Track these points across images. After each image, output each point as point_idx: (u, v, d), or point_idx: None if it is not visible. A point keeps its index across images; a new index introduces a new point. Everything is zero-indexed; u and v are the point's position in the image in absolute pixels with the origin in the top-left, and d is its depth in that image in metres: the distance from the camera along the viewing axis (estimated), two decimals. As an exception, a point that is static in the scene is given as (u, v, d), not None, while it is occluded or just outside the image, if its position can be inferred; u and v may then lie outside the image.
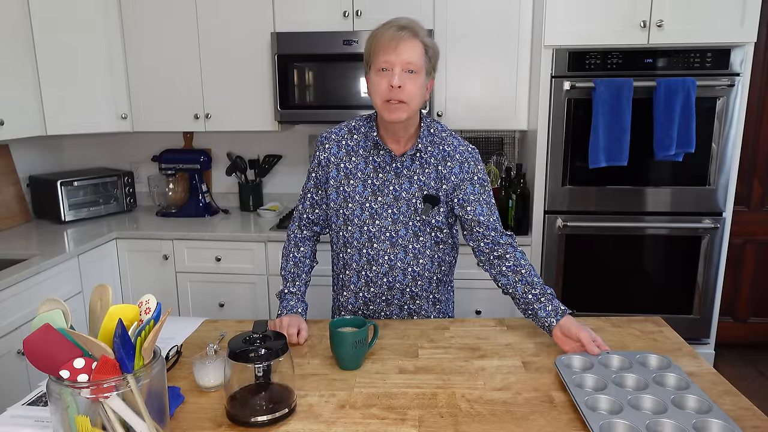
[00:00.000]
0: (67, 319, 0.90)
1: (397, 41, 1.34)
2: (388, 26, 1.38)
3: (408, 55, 1.35)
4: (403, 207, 1.49)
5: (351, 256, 1.54)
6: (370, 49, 1.40)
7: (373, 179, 1.49)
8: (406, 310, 1.59)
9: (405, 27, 1.36)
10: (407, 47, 1.35)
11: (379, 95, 1.38)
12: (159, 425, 0.94)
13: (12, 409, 1.14)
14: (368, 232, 1.51)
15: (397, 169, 1.49)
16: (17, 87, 2.51)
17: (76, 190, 2.86)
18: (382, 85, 1.37)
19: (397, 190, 1.49)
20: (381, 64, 1.36)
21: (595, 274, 2.60)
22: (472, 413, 1.11)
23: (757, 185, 3.01)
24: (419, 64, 1.37)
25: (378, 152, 1.49)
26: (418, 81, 1.37)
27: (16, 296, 2.07)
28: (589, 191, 2.54)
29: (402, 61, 1.35)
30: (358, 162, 1.50)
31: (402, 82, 1.35)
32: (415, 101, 1.39)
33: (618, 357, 1.25)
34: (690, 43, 2.38)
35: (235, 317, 2.67)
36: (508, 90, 2.67)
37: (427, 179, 1.48)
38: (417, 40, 1.37)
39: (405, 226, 1.50)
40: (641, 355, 1.26)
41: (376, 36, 1.39)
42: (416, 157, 1.48)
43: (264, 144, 3.16)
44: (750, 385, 2.80)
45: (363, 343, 1.28)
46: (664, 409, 1.05)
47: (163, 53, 2.79)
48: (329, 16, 2.64)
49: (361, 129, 1.52)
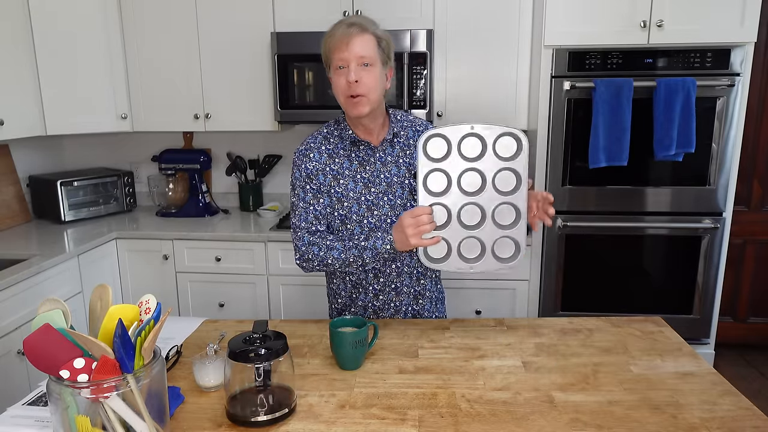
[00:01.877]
0: (67, 319, 0.90)
1: (348, 38, 1.39)
2: (338, 25, 1.43)
3: (359, 49, 1.40)
4: (398, 191, 1.53)
5: None
6: (326, 49, 1.45)
7: (362, 173, 1.53)
8: (413, 294, 1.61)
9: (354, 23, 1.42)
10: (358, 42, 1.40)
11: (341, 92, 1.44)
12: (159, 425, 0.94)
13: (12, 409, 1.14)
14: (368, 224, 1.52)
15: (381, 157, 1.53)
16: (17, 87, 2.51)
17: (76, 190, 2.86)
18: (341, 82, 1.42)
19: (387, 176, 1.53)
20: (337, 62, 1.42)
21: (595, 274, 2.60)
22: (472, 413, 1.11)
23: (757, 185, 3.01)
24: (373, 56, 1.42)
25: (358, 148, 1.53)
26: (373, 72, 1.42)
27: (16, 296, 2.07)
28: (589, 191, 2.54)
29: (355, 56, 1.40)
30: (342, 161, 1.53)
31: (358, 76, 1.40)
32: (375, 92, 1.43)
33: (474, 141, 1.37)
34: (690, 43, 2.38)
35: (235, 317, 2.67)
36: (508, 90, 2.67)
37: (411, 159, 1.54)
38: (367, 33, 1.42)
39: (403, 208, 1.53)
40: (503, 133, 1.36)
41: (328, 36, 1.44)
42: (395, 142, 1.54)
43: (264, 144, 3.16)
44: (750, 385, 2.80)
45: (363, 343, 1.28)
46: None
47: (163, 53, 2.79)
48: (329, 15, 2.64)
49: (334, 132, 1.56)
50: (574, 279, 2.61)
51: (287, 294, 2.67)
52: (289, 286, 2.65)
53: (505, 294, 2.63)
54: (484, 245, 1.38)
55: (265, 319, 1.70)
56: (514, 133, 1.34)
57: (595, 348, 1.39)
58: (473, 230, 1.38)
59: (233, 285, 2.69)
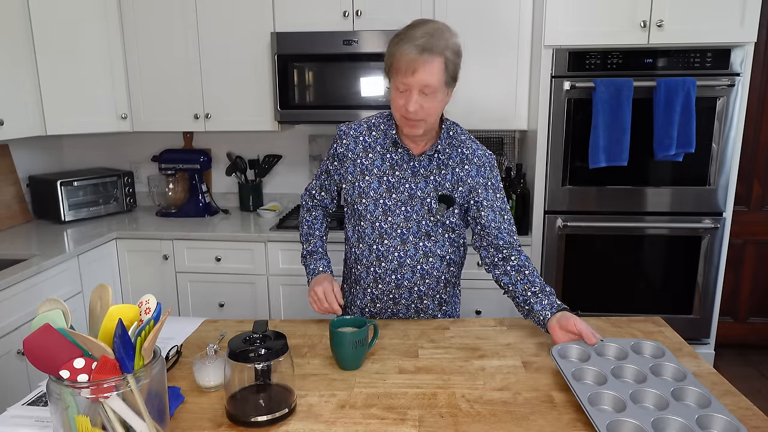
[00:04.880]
0: (67, 319, 0.90)
1: (415, 65, 1.32)
2: (409, 43, 1.32)
3: (425, 77, 1.33)
4: (417, 206, 1.50)
5: (362, 251, 1.55)
6: (390, 62, 1.38)
7: (389, 176, 1.50)
8: (413, 309, 1.60)
9: (426, 49, 1.31)
10: (426, 70, 1.32)
11: (397, 110, 1.40)
12: (159, 425, 0.94)
13: (12, 409, 1.14)
14: (380, 228, 1.51)
15: (414, 168, 1.50)
16: (17, 87, 2.51)
17: (76, 190, 2.86)
18: (399, 102, 1.38)
19: (412, 188, 1.50)
20: (399, 85, 1.37)
21: (595, 274, 2.60)
22: (472, 413, 1.11)
23: (757, 185, 3.01)
24: (437, 84, 1.35)
25: (396, 150, 1.50)
26: (435, 99, 1.38)
27: (16, 296, 2.07)
28: (589, 191, 2.54)
29: (419, 84, 1.34)
30: (375, 158, 1.51)
31: (418, 106, 1.35)
32: (433, 117, 1.41)
33: (613, 345, 1.26)
34: (690, 43, 2.38)
35: (235, 317, 2.66)
36: (508, 90, 2.67)
37: (443, 180, 1.50)
38: (437, 58, 1.33)
39: (417, 225, 1.51)
40: (636, 343, 1.27)
41: (397, 51, 1.34)
42: (434, 158, 1.49)
43: (264, 144, 3.16)
44: (750, 385, 2.80)
45: (363, 343, 1.28)
46: (666, 404, 1.05)
47: (163, 53, 2.79)
48: (329, 15, 2.64)
49: (380, 126, 1.53)
50: (574, 279, 2.61)
51: (287, 294, 2.67)
52: (289, 286, 2.65)
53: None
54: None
55: (265, 319, 1.70)
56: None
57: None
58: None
59: (233, 285, 2.69)
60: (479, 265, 2.59)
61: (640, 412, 1.03)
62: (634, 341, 1.28)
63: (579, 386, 1.12)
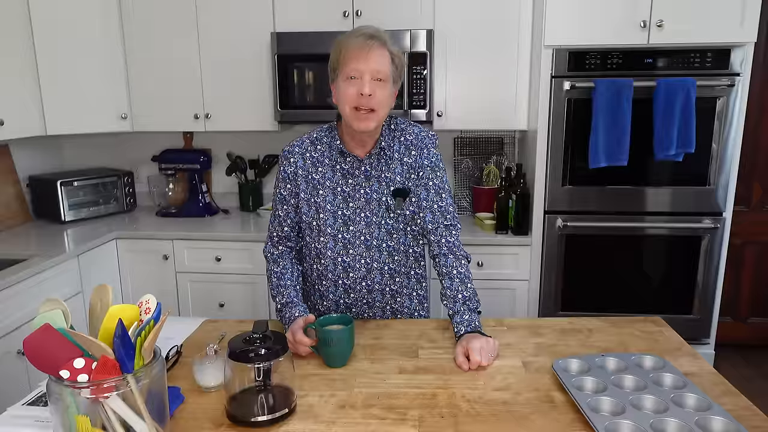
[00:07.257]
0: (67, 319, 0.90)
1: (367, 50, 1.34)
2: (356, 34, 1.38)
3: (377, 63, 1.35)
4: (375, 208, 1.49)
5: (326, 266, 1.54)
6: (338, 57, 1.39)
7: (343, 186, 1.49)
8: (389, 310, 1.60)
9: (373, 36, 1.36)
10: (376, 56, 1.35)
11: (347, 102, 1.38)
12: (159, 425, 0.94)
13: (12, 409, 1.14)
14: (342, 239, 1.50)
15: (366, 171, 1.49)
16: (17, 87, 2.51)
17: (76, 190, 2.86)
18: (350, 92, 1.36)
19: (368, 192, 1.49)
20: (350, 72, 1.36)
21: (596, 274, 2.60)
22: (472, 413, 1.11)
23: (757, 185, 3.01)
24: (387, 73, 1.37)
25: (345, 159, 1.49)
26: (386, 89, 1.39)
27: (16, 296, 2.07)
28: (589, 191, 2.54)
29: (371, 70, 1.35)
30: (325, 171, 1.49)
31: (372, 90, 1.35)
32: (384, 110, 1.40)
33: (614, 359, 1.26)
34: (690, 43, 2.38)
35: (235, 317, 2.66)
36: (508, 90, 2.67)
37: (392, 174, 1.49)
38: (385, 49, 1.37)
39: (378, 227, 1.50)
40: (636, 357, 1.26)
41: (343, 44, 1.38)
42: (381, 155, 1.49)
43: (264, 144, 3.16)
44: (750, 385, 2.79)
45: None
46: (665, 408, 1.05)
47: (163, 53, 2.79)
48: (329, 16, 2.64)
49: (323, 139, 1.51)
50: (574, 279, 2.61)
51: (287, 294, 2.66)
52: (289, 286, 2.65)
53: (505, 294, 2.63)
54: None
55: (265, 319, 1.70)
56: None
57: (596, 348, 1.39)
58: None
59: (233, 285, 2.69)
60: (479, 265, 2.59)
61: (638, 414, 1.03)
62: (635, 355, 1.27)
63: (578, 393, 1.12)
